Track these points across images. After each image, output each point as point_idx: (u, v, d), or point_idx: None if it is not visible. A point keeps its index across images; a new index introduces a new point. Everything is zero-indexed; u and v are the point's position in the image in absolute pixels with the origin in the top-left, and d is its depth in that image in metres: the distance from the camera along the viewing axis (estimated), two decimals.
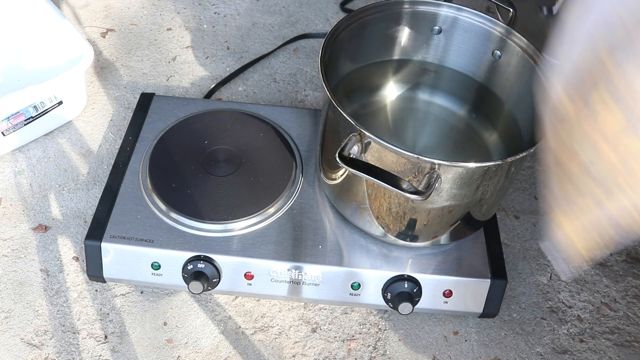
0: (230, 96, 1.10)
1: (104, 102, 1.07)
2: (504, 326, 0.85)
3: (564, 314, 0.86)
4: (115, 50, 1.16)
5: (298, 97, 1.11)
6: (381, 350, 0.81)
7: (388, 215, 0.75)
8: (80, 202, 0.93)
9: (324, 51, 0.74)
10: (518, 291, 0.88)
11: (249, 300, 0.84)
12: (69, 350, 0.79)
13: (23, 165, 0.96)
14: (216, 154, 0.88)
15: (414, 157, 0.65)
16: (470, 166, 0.66)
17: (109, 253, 0.79)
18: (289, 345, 0.81)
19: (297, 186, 0.86)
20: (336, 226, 0.83)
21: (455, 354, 0.82)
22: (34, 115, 0.95)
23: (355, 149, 0.68)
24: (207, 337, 0.81)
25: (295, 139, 0.92)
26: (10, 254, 0.87)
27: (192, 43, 1.19)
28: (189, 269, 0.78)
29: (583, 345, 0.84)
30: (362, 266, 0.79)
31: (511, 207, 0.98)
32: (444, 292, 0.80)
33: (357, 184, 0.75)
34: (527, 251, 0.93)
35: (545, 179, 0.55)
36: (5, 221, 0.90)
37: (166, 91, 1.09)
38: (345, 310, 0.85)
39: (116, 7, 1.24)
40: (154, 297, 0.84)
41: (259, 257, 0.79)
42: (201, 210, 0.81)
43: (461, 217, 0.75)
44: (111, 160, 0.98)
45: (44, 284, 0.84)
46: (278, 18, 1.25)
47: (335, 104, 0.69)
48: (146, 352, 0.79)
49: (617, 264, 0.92)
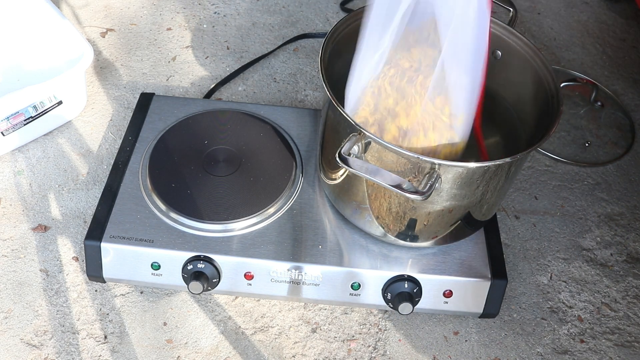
0: (230, 96, 1.10)
1: (104, 102, 1.07)
2: (504, 326, 0.85)
3: (564, 314, 0.86)
4: (115, 50, 1.16)
5: (298, 97, 1.11)
6: (381, 350, 0.81)
7: (388, 215, 0.75)
8: (80, 202, 0.93)
9: (324, 51, 0.74)
10: (518, 291, 0.88)
11: (249, 300, 0.84)
12: (68, 350, 0.79)
13: (23, 165, 0.96)
14: (216, 154, 0.88)
15: (414, 157, 0.65)
16: (470, 166, 0.66)
17: (108, 253, 0.79)
18: (289, 345, 0.81)
19: (297, 186, 0.86)
20: (336, 226, 0.83)
21: (455, 354, 0.82)
22: (33, 115, 0.95)
23: (355, 149, 0.68)
24: (207, 337, 0.81)
25: (295, 139, 0.92)
26: (10, 254, 0.87)
27: (192, 43, 1.19)
28: (188, 269, 0.78)
29: (583, 345, 0.83)
30: (362, 266, 0.79)
31: (511, 207, 0.98)
32: (444, 292, 0.80)
33: (357, 184, 0.75)
34: (528, 251, 0.93)
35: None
36: (5, 221, 0.90)
37: (166, 91, 1.09)
38: (345, 311, 0.84)
39: (116, 7, 1.24)
40: (153, 297, 0.84)
41: (259, 257, 0.79)
42: (201, 210, 0.81)
43: (461, 217, 0.75)
44: (111, 160, 0.98)
45: (44, 284, 0.84)
46: (278, 18, 1.25)
47: (335, 104, 0.69)
48: (146, 352, 0.79)
49: (617, 264, 0.92)
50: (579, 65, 1.22)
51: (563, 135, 1.08)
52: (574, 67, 1.21)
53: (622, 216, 0.98)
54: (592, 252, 0.93)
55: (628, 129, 1.11)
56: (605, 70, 1.22)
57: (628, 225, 0.97)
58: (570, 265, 0.92)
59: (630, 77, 1.21)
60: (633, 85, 1.19)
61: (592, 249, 0.94)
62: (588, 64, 1.23)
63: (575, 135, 1.09)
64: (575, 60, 1.23)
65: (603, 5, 1.37)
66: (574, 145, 1.07)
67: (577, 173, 1.04)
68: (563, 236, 0.95)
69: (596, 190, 1.01)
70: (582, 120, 1.11)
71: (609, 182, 1.03)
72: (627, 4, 1.37)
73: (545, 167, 1.04)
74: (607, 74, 1.21)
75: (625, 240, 0.95)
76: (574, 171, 1.04)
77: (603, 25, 1.32)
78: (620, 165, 1.05)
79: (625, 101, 1.16)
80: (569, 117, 1.11)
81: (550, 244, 0.94)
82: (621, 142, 1.09)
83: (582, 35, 1.29)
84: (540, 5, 1.36)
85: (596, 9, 1.36)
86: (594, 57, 1.24)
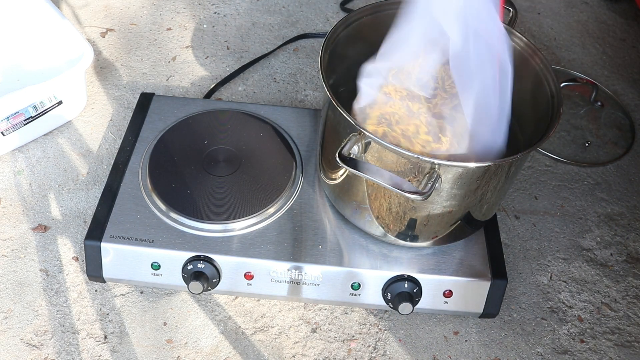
0: (230, 96, 1.10)
1: (104, 102, 1.06)
2: (504, 326, 0.85)
3: (564, 314, 0.86)
4: (115, 50, 1.16)
5: (298, 97, 1.11)
6: (381, 350, 0.81)
7: (388, 215, 0.75)
8: (80, 202, 0.93)
9: (324, 51, 0.74)
10: (518, 291, 0.88)
11: (249, 300, 0.84)
12: (68, 350, 0.79)
13: (23, 165, 0.96)
14: (216, 154, 0.88)
15: (414, 157, 0.65)
16: (470, 166, 0.66)
17: (108, 253, 0.79)
18: (289, 345, 0.81)
19: (297, 186, 0.86)
20: (336, 226, 0.83)
21: (455, 354, 0.82)
22: (33, 115, 0.95)
23: (355, 149, 0.68)
24: (207, 337, 0.81)
25: (295, 139, 0.92)
26: (10, 254, 0.87)
27: (192, 43, 1.19)
28: (188, 269, 0.78)
29: (583, 345, 0.83)
30: (362, 266, 0.79)
31: (511, 207, 0.98)
32: (444, 292, 0.80)
33: (357, 184, 0.75)
34: (527, 251, 0.93)
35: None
36: (5, 221, 0.90)
37: (166, 91, 1.09)
38: (345, 311, 0.84)
39: (116, 7, 1.24)
40: (153, 297, 0.84)
41: (259, 257, 0.79)
42: (201, 210, 0.81)
43: (461, 217, 0.75)
44: (111, 160, 0.98)
45: (44, 284, 0.84)
46: (278, 18, 1.25)
47: (335, 104, 0.69)
48: (146, 352, 0.79)
49: (617, 264, 0.92)
50: (579, 65, 1.22)
51: (563, 135, 1.08)
52: (574, 67, 1.21)
53: (622, 216, 0.98)
54: (592, 252, 0.93)
55: (628, 129, 1.11)
56: (605, 70, 1.22)
57: (628, 225, 0.97)
58: (570, 265, 0.92)
59: (630, 77, 1.21)
60: (633, 85, 1.19)
61: (592, 249, 0.94)
62: (588, 64, 1.23)
63: (575, 135, 1.09)
64: (575, 60, 1.23)
65: (603, 5, 1.37)
66: (574, 145, 1.07)
67: (577, 173, 1.04)
68: (563, 236, 0.95)
69: (596, 190, 1.01)
70: (582, 120, 1.11)
71: (609, 182, 1.03)
72: (627, 4, 1.37)
73: (545, 167, 1.04)
74: (607, 74, 1.21)
75: (625, 240, 0.95)
76: (574, 171, 1.04)
77: (603, 25, 1.32)
78: (620, 165, 1.05)
79: (625, 101, 1.16)
80: (569, 117, 1.11)
81: (550, 244, 0.94)
82: (621, 142, 1.09)
83: (582, 35, 1.29)
84: (540, 5, 1.36)
85: (596, 9, 1.36)
86: (594, 57, 1.24)
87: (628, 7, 1.37)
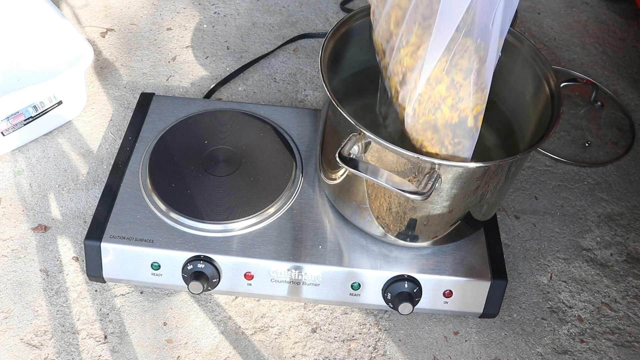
0: (230, 96, 1.10)
1: (104, 102, 1.07)
2: (504, 326, 0.85)
3: (564, 314, 0.86)
4: (115, 50, 1.16)
5: (298, 97, 1.11)
6: (381, 350, 0.81)
7: (388, 215, 0.75)
8: (80, 202, 0.93)
9: (324, 51, 0.74)
10: (518, 291, 0.88)
11: (249, 300, 0.84)
12: (68, 350, 0.79)
13: (23, 165, 0.96)
14: (216, 154, 0.88)
15: (414, 157, 0.65)
16: (470, 166, 0.66)
17: (108, 253, 0.79)
18: (289, 345, 0.81)
19: (297, 186, 0.86)
20: (336, 226, 0.83)
21: (455, 354, 0.82)
22: (33, 115, 0.95)
23: (356, 149, 0.68)
24: (207, 337, 0.81)
25: (295, 139, 0.92)
26: (10, 254, 0.87)
27: (192, 43, 1.19)
28: (188, 269, 0.78)
29: (583, 345, 0.83)
30: (362, 266, 0.79)
31: (511, 207, 0.98)
32: (444, 292, 0.80)
33: (357, 184, 0.75)
34: (528, 251, 0.93)
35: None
36: (5, 221, 0.90)
37: (166, 91, 1.09)
38: (345, 311, 0.84)
39: (116, 7, 1.24)
40: (153, 297, 0.84)
41: (259, 257, 0.79)
42: (201, 210, 0.81)
43: (461, 217, 0.75)
44: (111, 160, 0.98)
45: (44, 284, 0.84)
46: (278, 18, 1.25)
47: (335, 104, 0.69)
48: (146, 352, 0.79)
49: (617, 264, 0.92)
50: (579, 65, 1.22)
51: (563, 135, 1.08)
52: (574, 67, 1.21)
53: (622, 216, 0.98)
54: (592, 252, 0.93)
55: (628, 129, 1.11)
56: (605, 70, 1.22)
57: (628, 225, 0.97)
58: (570, 265, 0.92)
59: (630, 77, 1.21)
60: (633, 85, 1.19)
61: (592, 249, 0.94)
62: (588, 64, 1.23)
63: (575, 135, 1.09)
64: (575, 60, 1.23)
65: (603, 5, 1.37)
66: (574, 145, 1.07)
67: (577, 173, 1.04)
68: (563, 236, 0.95)
69: (596, 190, 1.01)
70: (582, 120, 1.11)
71: (609, 182, 1.03)
72: (627, 4, 1.37)
73: (545, 167, 1.04)
74: (607, 74, 1.21)
75: (625, 240, 0.95)
76: (574, 171, 1.04)
77: (603, 25, 1.32)
78: (620, 165, 1.05)
79: (625, 101, 1.16)
80: (569, 117, 1.11)
81: (550, 244, 0.94)
82: (621, 142, 1.09)
83: (582, 35, 1.29)
84: (540, 5, 1.36)
85: (596, 9, 1.36)
86: (594, 57, 1.24)
87: (628, 7, 1.37)
